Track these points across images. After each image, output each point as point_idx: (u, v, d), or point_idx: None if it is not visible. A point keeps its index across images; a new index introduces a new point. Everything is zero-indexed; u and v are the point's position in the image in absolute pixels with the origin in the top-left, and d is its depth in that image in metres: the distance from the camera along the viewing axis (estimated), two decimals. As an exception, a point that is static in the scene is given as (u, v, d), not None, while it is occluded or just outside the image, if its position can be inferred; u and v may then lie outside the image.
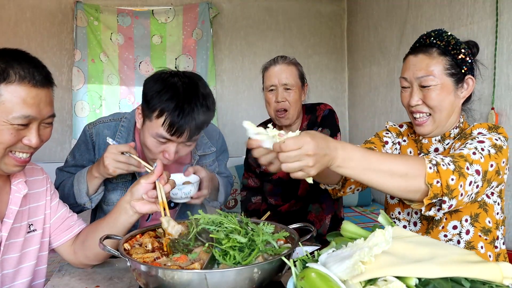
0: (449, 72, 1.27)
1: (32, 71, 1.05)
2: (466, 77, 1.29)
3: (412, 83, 1.30)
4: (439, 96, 1.27)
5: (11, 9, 4.12)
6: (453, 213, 1.28)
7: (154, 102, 1.33)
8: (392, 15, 3.65)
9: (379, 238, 0.79)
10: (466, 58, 1.28)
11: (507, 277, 0.81)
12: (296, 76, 1.94)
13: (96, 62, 4.20)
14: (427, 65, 1.27)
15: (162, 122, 1.32)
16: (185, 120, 1.31)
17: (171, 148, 1.38)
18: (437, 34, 1.29)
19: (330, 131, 1.93)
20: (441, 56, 1.27)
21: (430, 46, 1.28)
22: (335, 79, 4.62)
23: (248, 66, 4.49)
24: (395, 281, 0.77)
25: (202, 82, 1.41)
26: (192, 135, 1.36)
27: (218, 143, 1.76)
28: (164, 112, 1.31)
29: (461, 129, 1.34)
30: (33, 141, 1.08)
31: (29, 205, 1.24)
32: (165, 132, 1.33)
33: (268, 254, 1.04)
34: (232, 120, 4.46)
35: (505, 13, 2.41)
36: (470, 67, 1.29)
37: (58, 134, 4.17)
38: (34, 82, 1.04)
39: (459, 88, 1.29)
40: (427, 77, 1.26)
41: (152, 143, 1.39)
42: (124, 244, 1.11)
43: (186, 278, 0.92)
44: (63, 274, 1.31)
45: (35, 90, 1.05)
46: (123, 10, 4.25)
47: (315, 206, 1.97)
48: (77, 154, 1.59)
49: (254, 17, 4.48)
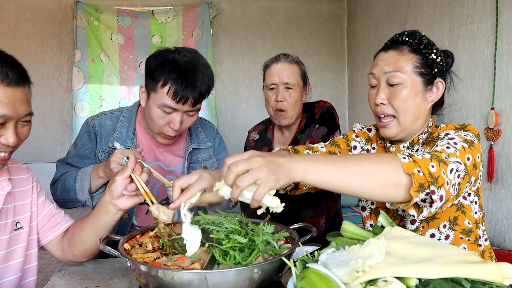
0: (419, 71, 1.22)
1: (6, 70, 1.03)
2: (436, 80, 1.24)
3: (379, 79, 1.26)
4: (406, 96, 1.22)
5: (11, 9, 4.12)
6: (430, 220, 1.24)
7: (157, 74, 1.41)
8: (392, 15, 3.65)
9: (373, 247, 0.79)
10: (437, 59, 1.24)
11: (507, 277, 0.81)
12: (298, 75, 1.89)
13: (96, 62, 4.20)
14: (396, 61, 1.23)
15: (167, 91, 1.39)
16: (189, 88, 1.39)
17: (176, 118, 1.44)
18: (410, 33, 1.26)
19: (327, 128, 1.86)
20: (412, 54, 1.23)
21: (402, 43, 1.25)
22: (335, 79, 4.62)
23: (248, 66, 4.49)
24: (395, 281, 0.77)
25: (200, 55, 1.50)
26: (196, 102, 1.43)
27: (215, 141, 1.77)
28: (168, 81, 1.39)
29: (429, 133, 1.29)
30: (10, 140, 1.07)
31: (15, 203, 1.25)
32: (171, 100, 1.40)
33: (268, 254, 1.04)
34: (232, 120, 4.46)
35: (505, 13, 2.41)
36: (441, 70, 1.25)
37: (58, 134, 4.17)
38: (8, 81, 1.03)
39: (427, 91, 1.24)
40: (395, 73, 1.22)
41: (158, 114, 1.44)
42: (124, 244, 1.11)
43: (186, 278, 0.92)
44: (63, 274, 1.31)
45: (9, 89, 1.03)
46: (123, 10, 4.25)
47: (308, 211, 1.94)
48: (79, 143, 1.61)
49: (254, 17, 4.48)
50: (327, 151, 1.37)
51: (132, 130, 1.59)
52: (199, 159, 1.69)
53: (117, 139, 1.56)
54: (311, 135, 1.88)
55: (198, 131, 1.72)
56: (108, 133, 1.58)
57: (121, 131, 1.58)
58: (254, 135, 2.08)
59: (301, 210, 1.94)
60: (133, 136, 1.58)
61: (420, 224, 1.24)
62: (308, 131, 1.90)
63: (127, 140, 1.57)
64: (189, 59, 1.43)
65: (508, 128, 2.42)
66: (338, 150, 1.38)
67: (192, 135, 1.69)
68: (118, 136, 1.57)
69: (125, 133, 1.58)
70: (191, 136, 1.68)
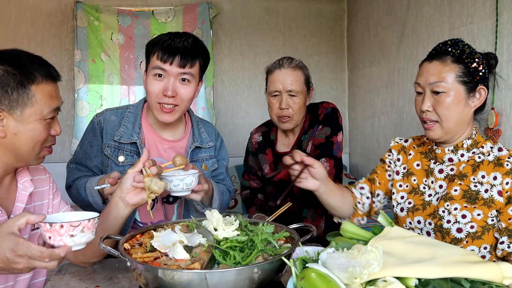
0: (461, 80, 1.30)
1: (48, 67, 1.16)
2: (478, 87, 1.32)
3: (425, 88, 1.34)
4: (450, 103, 1.30)
5: (11, 9, 4.12)
6: (476, 239, 1.31)
7: (150, 49, 1.53)
8: (392, 15, 3.65)
9: (371, 255, 0.79)
10: (480, 68, 1.31)
11: (507, 277, 0.81)
12: (301, 82, 1.86)
13: (96, 62, 4.20)
14: (440, 72, 1.30)
15: (156, 56, 1.49)
16: (175, 48, 1.48)
17: (168, 83, 1.50)
18: (453, 43, 1.33)
19: (331, 129, 1.86)
20: (455, 64, 1.30)
21: (445, 53, 1.32)
22: (335, 79, 4.62)
23: (248, 66, 4.48)
24: (395, 282, 0.77)
25: (196, 37, 1.58)
26: (184, 62, 1.49)
27: (217, 142, 1.78)
28: (156, 47, 1.50)
29: (474, 140, 1.37)
30: (58, 130, 1.20)
31: (34, 203, 1.27)
32: (159, 61, 1.48)
33: (268, 254, 1.04)
34: (232, 120, 4.45)
35: (505, 13, 2.41)
36: (483, 77, 1.32)
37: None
38: (53, 77, 1.16)
39: (470, 97, 1.32)
40: (439, 83, 1.30)
41: (151, 81, 1.51)
42: (124, 244, 1.11)
43: (186, 278, 0.92)
44: (63, 274, 1.31)
45: (55, 85, 1.17)
46: (123, 10, 4.25)
47: (310, 211, 1.93)
48: (85, 141, 1.63)
49: (254, 17, 4.48)
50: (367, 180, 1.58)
51: (138, 125, 1.61)
52: (200, 158, 1.70)
53: (123, 133, 1.58)
54: (314, 136, 1.87)
55: (201, 131, 1.73)
56: (113, 127, 1.59)
57: (126, 126, 1.60)
58: (257, 136, 2.07)
59: (302, 210, 1.94)
60: (139, 131, 1.60)
61: (465, 237, 1.31)
62: (311, 132, 1.89)
63: (133, 134, 1.58)
64: (180, 34, 1.53)
65: (508, 128, 2.42)
66: (376, 176, 1.57)
67: (195, 134, 1.70)
68: (124, 130, 1.59)
69: (131, 128, 1.60)
70: (194, 134, 1.69)
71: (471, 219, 1.30)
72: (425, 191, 1.43)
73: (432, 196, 1.41)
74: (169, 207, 1.68)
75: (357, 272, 0.77)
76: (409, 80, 3.42)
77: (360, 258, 0.80)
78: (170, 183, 1.35)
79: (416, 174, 1.47)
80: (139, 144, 1.57)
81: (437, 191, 1.40)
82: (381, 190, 1.56)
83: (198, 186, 1.42)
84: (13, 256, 0.91)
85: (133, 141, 1.58)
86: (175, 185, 1.36)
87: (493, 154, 1.34)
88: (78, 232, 0.96)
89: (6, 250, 0.91)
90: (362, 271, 0.76)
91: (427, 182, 1.44)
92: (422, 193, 1.44)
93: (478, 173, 1.33)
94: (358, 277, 0.76)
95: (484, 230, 1.30)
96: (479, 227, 1.30)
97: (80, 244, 0.98)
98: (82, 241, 0.97)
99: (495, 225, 1.30)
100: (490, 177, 1.31)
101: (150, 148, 1.61)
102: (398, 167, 1.52)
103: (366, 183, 1.57)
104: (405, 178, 1.49)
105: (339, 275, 0.80)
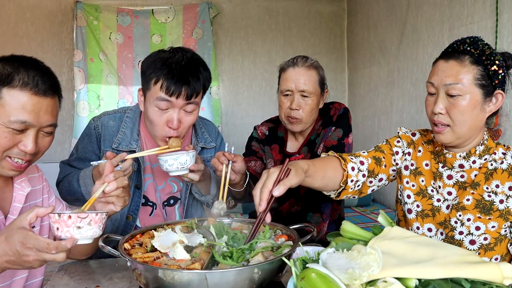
0: (479, 83, 1.20)
1: (37, 79, 1.08)
2: (496, 91, 1.23)
3: (438, 89, 1.24)
4: (465, 107, 1.21)
5: (11, 9, 4.12)
6: (488, 250, 1.27)
7: (149, 72, 1.42)
8: (392, 15, 3.65)
9: (370, 257, 0.79)
10: (499, 71, 1.21)
11: (507, 277, 0.81)
12: (315, 82, 1.77)
13: (95, 62, 4.20)
14: (457, 73, 1.20)
15: (160, 86, 1.39)
16: (181, 81, 1.39)
17: (173, 115, 1.43)
18: (472, 41, 1.23)
19: (343, 130, 1.79)
20: (473, 65, 1.20)
21: (463, 53, 1.22)
22: (335, 79, 4.62)
23: (248, 66, 4.48)
24: (395, 282, 0.77)
25: (195, 53, 1.50)
26: (190, 96, 1.41)
27: (217, 141, 1.77)
28: (160, 77, 1.39)
29: (486, 146, 1.31)
30: (28, 148, 1.09)
31: (29, 203, 1.27)
32: (164, 93, 1.39)
33: (268, 253, 1.05)
34: (232, 120, 4.45)
35: (505, 13, 2.41)
36: (502, 81, 1.23)
37: (58, 134, 4.17)
38: (36, 90, 1.07)
39: (486, 102, 1.23)
40: (455, 85, 1.20)
41: (155, 113, 1.43)
42: (124, 244, 1.11)
43: (186, 278, 0.92)
44: (63, 274, 1.31)
45: (36, 98, 1.07)
46: (123, 10, 4.25)
47: (315, 216, 1.89)
48: (80, 146, 1.61)
49: (254, 17, 4.48)
50: (371, 156, 1.40)
51: (137, 131, 1.58)
52: (204, 158, 1.68)
53: (121, 140, 1.55)
54: (327, 137, 1.80)
55: (202, 131, 1.70)
56: (112, 134, 1.56)
57: (125, 132, 1.57)
58: (264, 129, 1.97)
59: (307, 213, 1.89)
60: (137, 138, 1.57)
61: (478, 249, 1.27)
62: (323, 133, 1.82)
63: (131, 142, 1.56)
64: (181, 55, 1.43)
65: (508, 128, 2.41)
66: (383, 155, 1.41)
67: (198, 135, 1.67)
68: (122, 137, 1.56)
69: (130, 134, 1.57)
70: (197, 135, 1.67)
71: (485, 230, 1.26)
72: (433, 194, 1.36)
73: (441, 202, 1.34)
74: (170, 210, 1.67)
75: (356, 274, 0.76)
76: (409, 80, 3.42)
77: (359, 259, 0.80)
78: (165, 163, 1.35)
79: (425, 174, 1.38)
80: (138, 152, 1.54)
81: (446, 197, 1.33)
82: (385, 174, 1.42)
83: (194, 165, 1.40)
84: (23, 249, 0.93)
85: (132, 149, 1.54)
86: (170, 164, 1.35)
87: (507, 162, 1.28)
88: (85, 224, 0.96)
89: (16, 243, 0.94)
90: (362, 273, 0.76)
91: (435, 185, 1.36)
92: (430, 196, 1.36)
93: (492, 182, 1.27)
94: (358, 279, 0.76)
95: (497, 241, 1.26)
96: (493, 239, 1.25)
97: (86, 238, 0.98)
98: (88, 234, 0.98)
99: (507, 235, 1.26)
100: (505, 187, 1.25)
101: None
102: (407, 162, 1.42)
103: (370, 159, 1.39)
104: (412, 176, 1.40)
105: (340, 276, 0.79)
